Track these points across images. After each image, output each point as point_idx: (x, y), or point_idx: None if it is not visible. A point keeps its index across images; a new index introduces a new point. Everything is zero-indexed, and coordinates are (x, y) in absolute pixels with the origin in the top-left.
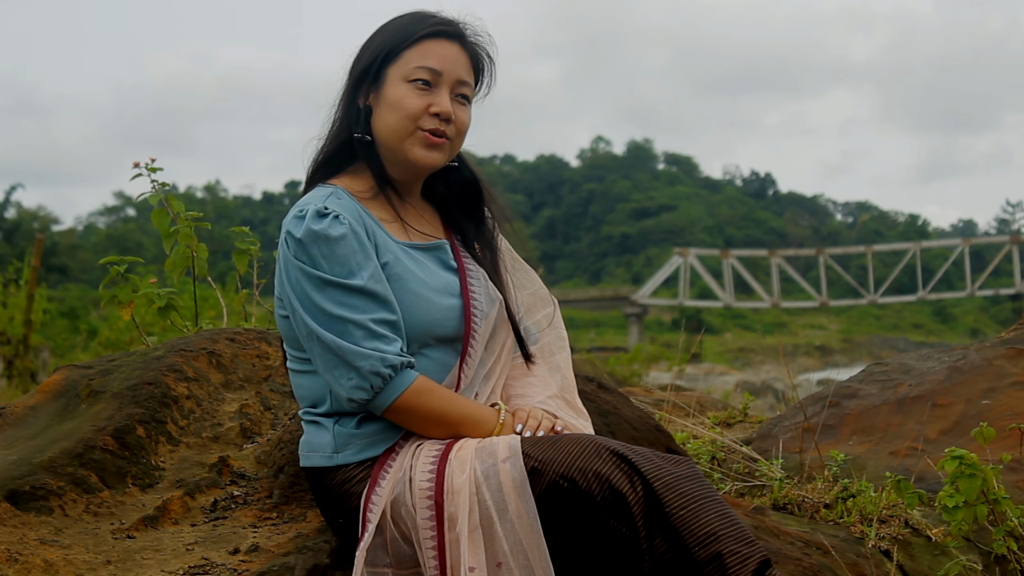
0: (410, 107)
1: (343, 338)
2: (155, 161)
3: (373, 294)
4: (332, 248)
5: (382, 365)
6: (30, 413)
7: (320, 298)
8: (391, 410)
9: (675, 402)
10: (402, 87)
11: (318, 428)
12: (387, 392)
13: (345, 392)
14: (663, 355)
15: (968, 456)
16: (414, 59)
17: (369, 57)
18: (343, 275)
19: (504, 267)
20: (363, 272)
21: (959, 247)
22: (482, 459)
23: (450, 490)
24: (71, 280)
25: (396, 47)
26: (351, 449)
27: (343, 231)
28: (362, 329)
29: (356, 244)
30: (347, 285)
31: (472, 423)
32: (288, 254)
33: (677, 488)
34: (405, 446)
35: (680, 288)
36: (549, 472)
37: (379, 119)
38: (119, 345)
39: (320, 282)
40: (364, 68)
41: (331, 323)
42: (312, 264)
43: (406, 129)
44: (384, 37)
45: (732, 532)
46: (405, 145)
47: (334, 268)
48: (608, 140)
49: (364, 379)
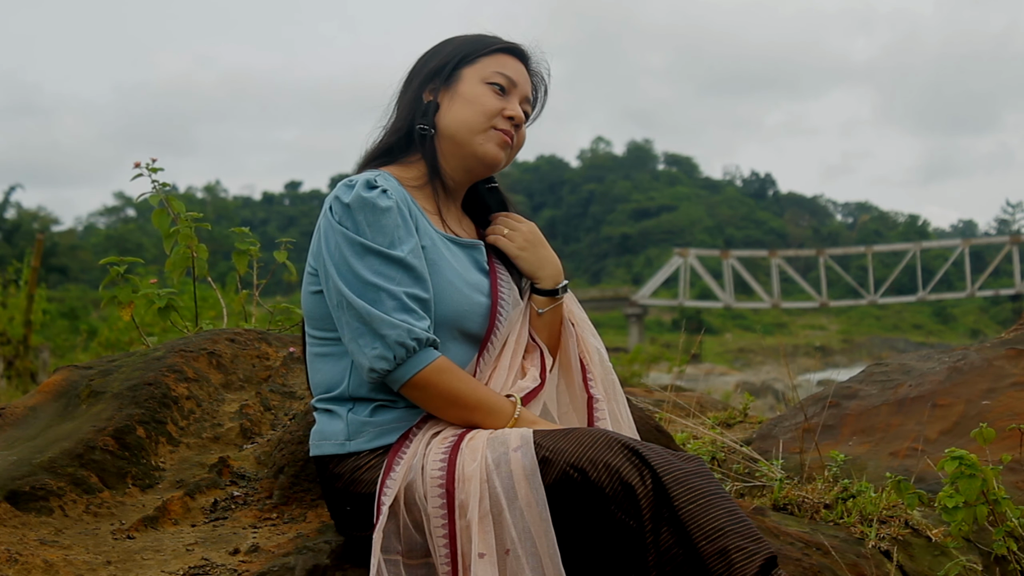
0: (488, 104)
1: (375, 306)
2: (156, 161)
3: (411, 268)
4: (378, 217)
5: (408, 337)
6: (30, 413)
7: (358, 264)
8: (409, 384)
9: (675, 402)
10: (479, 86)
11: (331, 417)
12: (409, 365)
13: (368, 361)
14: (663, 355)
15: (968, 456)
16: (492, 65)
17: (443, 58)
18: (385, 244)
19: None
20: (404, 245)
21: (959, 247)
22: (493, 448)
23: (461, 478)
24: (71, 280)
25: (473, 52)
26: (364, 437)
27: (390, 203)
28: (395, 300)
29: (400, 219)
30: (387, 254)
31: (487, 410)
32: (332, 220)
33: (686, 483)
34: (418, 435)
35: (680, 288)
36: (560, 462)
37: (449, 113)
38: (119, 345)
39: (361, 248)
40: (437, 67)
41: (365, 290)
42: (356, 230)
43: (481, 125)
44: (459, 44)
45: (739, 528)
46: (477, 139)
47: (376, 236)
48: (608, 140)
49: (389, 348)
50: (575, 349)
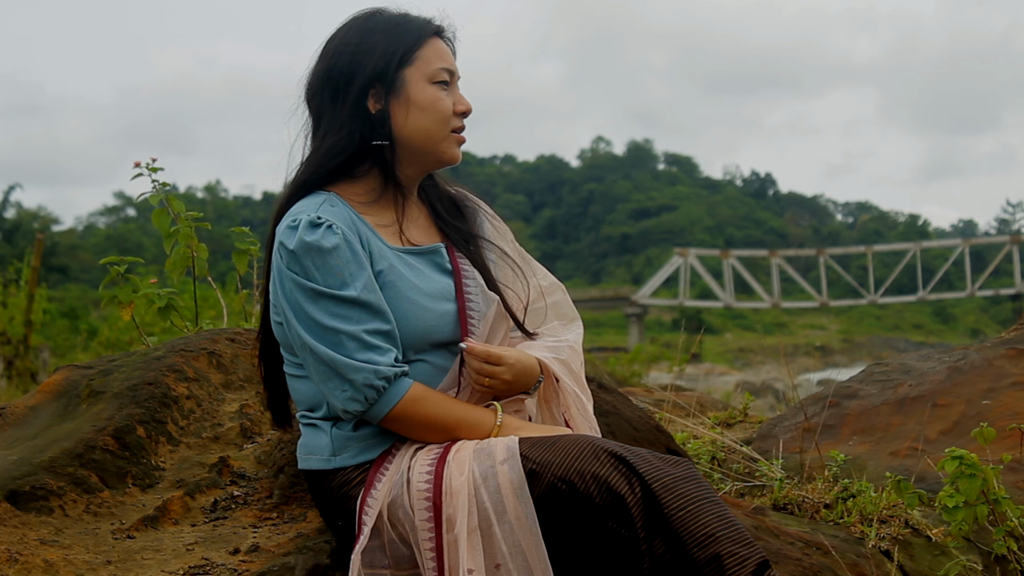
0: (445, 109)
1: (336, 350)
2: (156, 161)
3: (366, 304)
4: (325, 259)
5: (375, 377)
6: (30, 413)
7: (313, 309)
8: (387, 420)
9: (675, 402)
10: (429, 89)
11: (316, 431)
12: (381, 403)
13: (340, 404)
14: (663, 355)
15: (968, 456)
16: (432, 60)
17: (377, 60)
18: (336, 286)
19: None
20: (356, 283)
21: (959, 247)
22: (480, 461)
23: (448, 492)
24: (71, 280)
25: (408, 49)
26: (349, 452)
27: (336, 241)
28: (355, 340)
29: (349, 254)
30: (340, 296)
31: (468, 426)
32: (281, 264)
33: (676, 489)
34: (403, 448)
35: (680, 288)
36: (547, 474)
37: (408, 123)
38: (119, 345)
39: (313, 293)
40: (375, 71)
41: (324, 335)
42: (305, 275)
43: (442, 132)
44: (387, 39)
45: (730, 534)
46: (441, 147)
47: (327, 279)
48: (608, 140)
49: (358, 391)
50: (559, 412)
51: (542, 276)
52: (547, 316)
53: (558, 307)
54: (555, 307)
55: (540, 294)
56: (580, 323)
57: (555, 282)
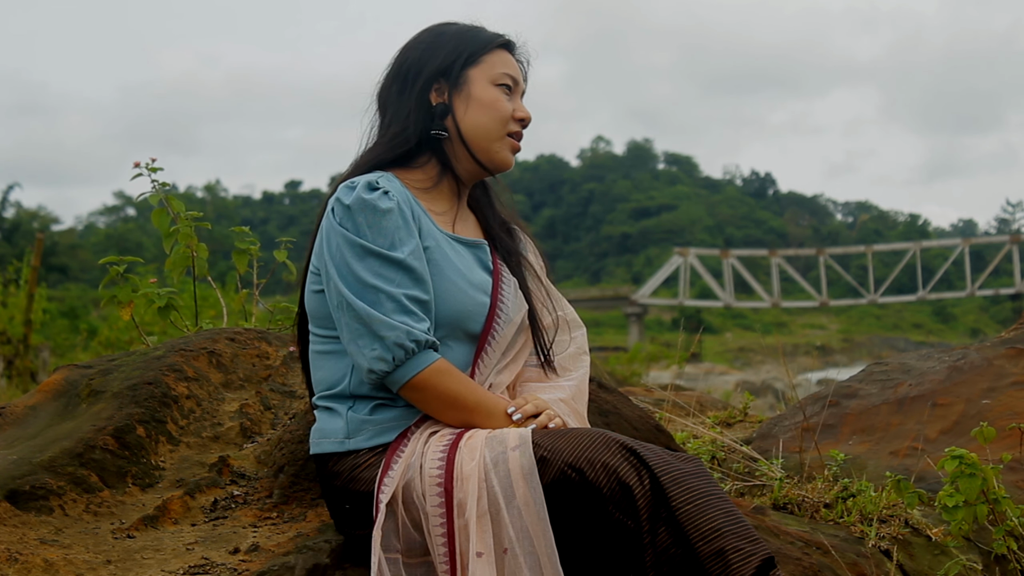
0: (503, 110)
1: (374, 307)
2: (156, 161)
3: (411, 269)
4: (378, 219)
5: (407, 339)
6: (30, 413)
7: (358, 266)
8: (408, 386)
9: (675, 401)
10: (491, 90)
11: (331, 415)
12: (407, 367)
13: (367, 363)
14: (663, 355)
15: (968, 456)
16: (497, 64)
17: (445, 57)
18: (385, 246)
19: (535, 277)
20: (405, 247)
21: (959, 247)
22: (492, 447)
23: (459, 477)
24: (71, 280)
25: (476, 51)
26: (363, 435)
27: (391, 205)
28: (394, 302)
29: (401, 220)
30: (387, 256)
31: (486, 412)
32: (333, 221)
33: (684, 483)
34: (416, 433)
35: (680, 288)
36: (558, 461)
37: (467, 117)
38: (119, 345)
39: (361, 250)
40: (441, 67)
41: (364, 291)
42: (356, 232)
43: (498, 131)
44: (457, 40)
45: (736, 529)
46: (495, 146)
47: (377, 238)
48: (608, 140)
49: (388, 350)
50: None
51: (568, 312)
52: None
53: (575, 343)
54: (573, 342)
55: (566, 327)
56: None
57: (578, 319)
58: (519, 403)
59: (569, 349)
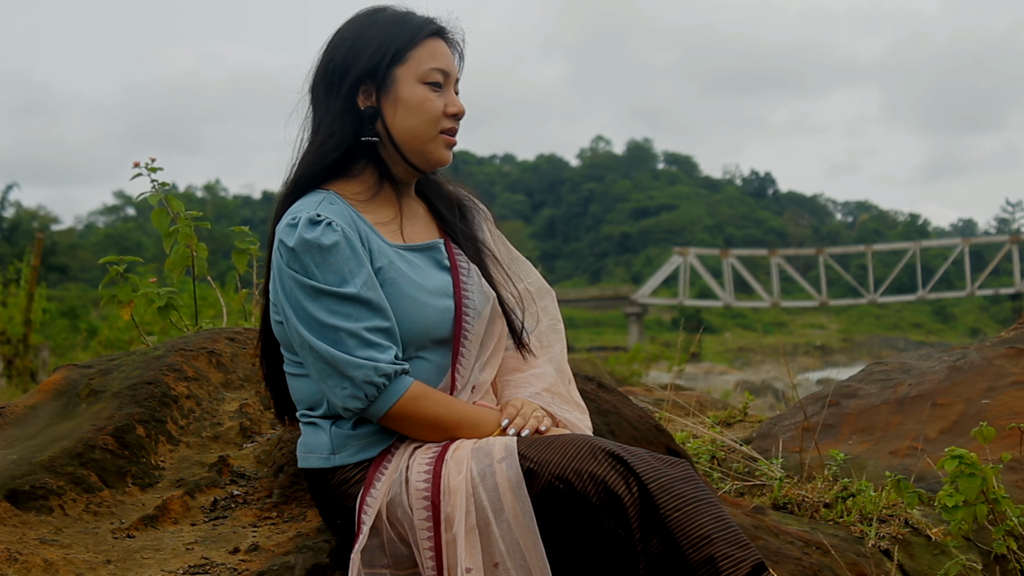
0: (434, 110)
1: (336, 347)
2: (155, 161)
3: (366, 302)
4: (325, 256)
5: (376, 375)
6: (30, 412)
7: (313, 307)
8: (387, 417)
9: (675, 401)
10: (419, 89)
11: (315, 429)
12: (382, 401)
13: (340, 401)
14: (663, 354)
15: (968, 455)
16: (425, 60)
17: (370, 57)
18: (336, 283)
19: (494, 259)
20: (356, 279)
21: (959, 247)
22: (478, 460)
23: (446, 491)
24: (71, 280)
25: (402, 47)
26: (348, 451)
27: (336, 239)
28: (355, 338)
29: (349, 251)
30: (340, 293)
31: (469, 425)
32: (281, 263)
33: (672, 490)
34: (401, 447)
35: (680, 288)
36: (545, 473)
37: (396, 121)
38: (119, 344)
39: (313, 291)
40: (366, 68)
41: (324, 332)
42: (305, 273)
43: (430, 132)
44: (382, 36)
45: (726, 535)
46: (428, 147)
47: (327, 276)
48: (608, 140)
49: (358, 388)
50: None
51: (534, 280)
52: (538, 322)
53: (546, 313)
54: (544, 312)
55: (530, 299)
56: (563, 330)
57: (545, 286)
58: (510, 413)
59: (542, 323)
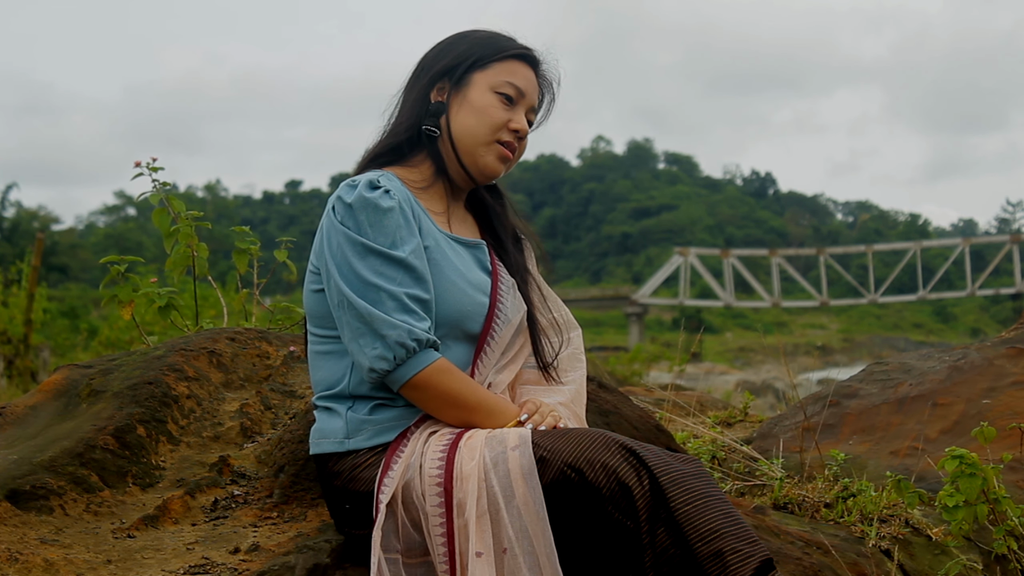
0: (495, 117)
1: (375, 306)
2: (157, 160)
3: (412, 268)
4: (379, 217)
5: (409, 337)
6: (30, 412)
7: (359, 264)
8: (409, 385)
9: (675, 401)
10: (488, 95)
11: (331, 415)
12: (408, 365)
13: (368, 361)
14: (663, 354)
15: (968, 455)
16: (503, 73)
17: (454, 58)
18: (387, 245)
19: (536, 287)
20: (406, 246)
21: (959, 247)
22: (491, 447)
23: (459, 477)
24: (71, 279)
25: (486, 56)
26: (363, 435)
27: (392, 204)
28: (395, 300)
29: (402, 220)
30: (389, 255)
31: (487, 411)
32: (334, 219)
33: (683, 484)
34: (416, 433)
35: (680, 288)
36: (557, 461)
37: (457, 118)
38: (119, 344)
39: (362, 248)
40: (448, 66)
41: (366, 290)
42: (357, 230)
43: (485, 137)
44: (472, 44)
45: (735, 530)
46: (479, 151)
47: (378, 237)
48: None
49: (389, 349)
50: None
51: (564, 314)
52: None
53: (570, 344)
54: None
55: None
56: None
57: (574, 322)
58: (529, 409)
59: (566, 350)
